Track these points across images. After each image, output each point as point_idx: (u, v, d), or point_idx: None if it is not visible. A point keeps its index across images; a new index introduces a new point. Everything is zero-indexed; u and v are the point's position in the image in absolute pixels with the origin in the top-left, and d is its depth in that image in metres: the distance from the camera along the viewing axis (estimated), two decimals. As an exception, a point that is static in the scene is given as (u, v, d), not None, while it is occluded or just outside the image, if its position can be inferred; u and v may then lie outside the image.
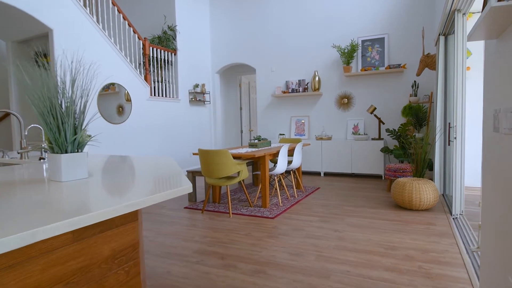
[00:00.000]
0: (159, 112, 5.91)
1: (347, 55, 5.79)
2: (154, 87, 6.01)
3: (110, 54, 4.94)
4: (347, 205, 3.90)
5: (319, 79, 6.16)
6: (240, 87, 8.06)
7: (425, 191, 3.47)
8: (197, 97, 6.91)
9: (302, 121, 6.51)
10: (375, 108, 5.54)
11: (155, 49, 5.88)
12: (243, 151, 3.99)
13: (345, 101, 6.09)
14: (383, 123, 5.63)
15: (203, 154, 3.56)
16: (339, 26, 6.07)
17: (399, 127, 5.06)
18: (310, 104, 6.45)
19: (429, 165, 4.65)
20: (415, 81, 5.25)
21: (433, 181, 4.02)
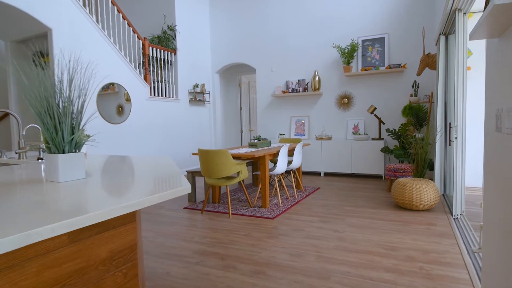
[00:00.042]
0: (158, 112, 5.90)
1: (347, 55, 5.77)
2: (153, 87, 5.99)
3: (109, 54, 4.92)
4: (347, 205, 3.89)
5: (319, 79, 6.14)
6: (240, 87, 8.04)
7: (425, 191, 3.46)
8: (197, 97, 6.90)
9: (302, 121, 6.49)
10: (375, 108, 5.53)
11: (155, 49, 5.87)
12: (243, 151, 3.97)
13: (345, 101, 6.07)
14: (383, 123, 5.62)
15: (203, 154, 3.54)
16: (339, 26, 6.05)
17: (399, 127, 5.04)
18: (310, 104, 6.44)
19: (430, 165, 4.64)
20: (415, 81, 5.24)
21: (434, 181, 4.00)
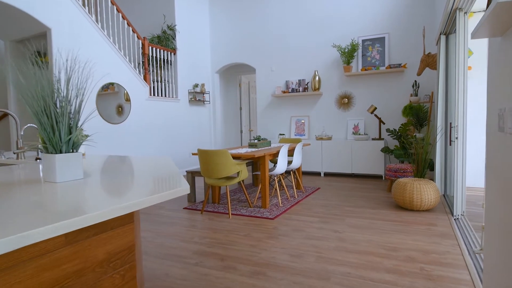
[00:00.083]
0: (158, 112, 5.88)
1: (348, 55, 5.76)
2: (153, 87, 5.98)
3: (109, 53, 4.91)
4: (348, 205, 3.88)
5: (319, 78, 6.13)
6: (240, 87, 8.03)
7: (426, 192, 3.45)
8: (197, 97, 6.88)
9: (302, 121, 6.48)
10: (376, 108, 5.51)
11: (155, 49, 5.86)
12: (243, 151, 3.96)
13: (345, 101, 6.06)
14: (384, 123, 5.61)
15: (203, 154, 3.53)
16: (339, 25, 6.04)
17: (400, 127, 5.03)
18: (310, 104, 6.42)
19: (430, 165, 4.62)
20: (415, 81, 5.23)
21: (434, 182, 3.99)
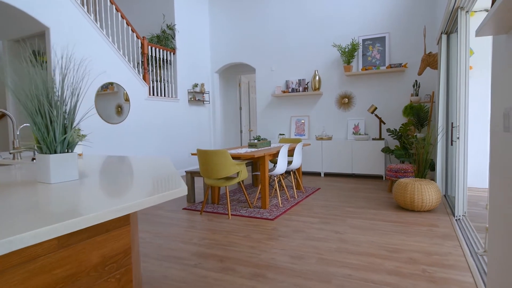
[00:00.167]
0: (157, 112, 5.85)
1: (348, 54, 5.73)
2: (152, 86, 5.95)
3: (108, 53, 4.88)
4: (348, 206, 3.85)
5: (319, 78, 6.10)
6: (239, 87, 8.00)
7: (427, 192, 3.42)
8: (196, 96, 6.85)
9: (302, 121, 6.45)
10: (376, 107, 5.48)
11: (154, 48, 5.83)
12: (243, 151, 3.93)
13: (345, 101, 6.03)
14: (384, 123, 5.58)
15: (202, 154, 3.50)
16: (339, 25, 6.01)
17: (400, 127, 5.00)
18: (310, 104, 6.40)
19: (431, 166, 4.60)
20: (416, 81, 5.20)
21: (435, 182, 3.96)
